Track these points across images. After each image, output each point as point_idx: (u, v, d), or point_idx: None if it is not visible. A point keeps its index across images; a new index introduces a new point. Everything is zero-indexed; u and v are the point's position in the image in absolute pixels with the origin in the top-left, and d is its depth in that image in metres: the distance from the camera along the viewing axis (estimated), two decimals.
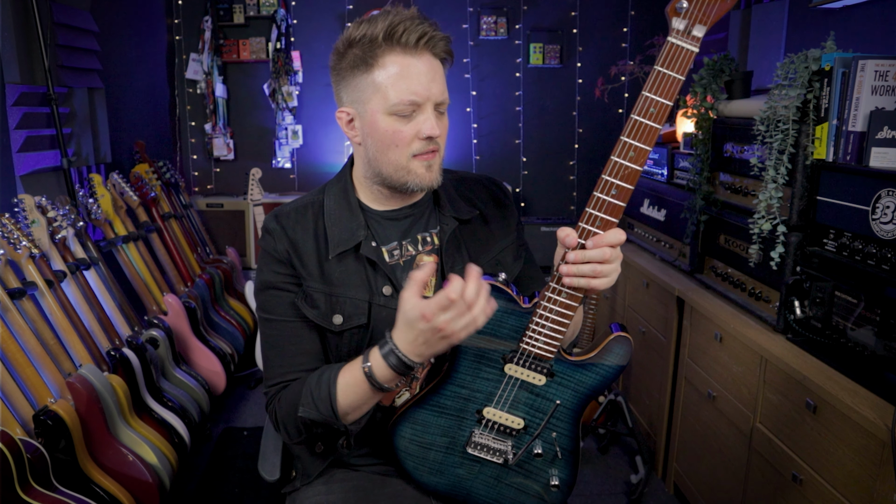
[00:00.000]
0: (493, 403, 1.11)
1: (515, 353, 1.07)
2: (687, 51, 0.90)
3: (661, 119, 0.93)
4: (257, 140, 4.24)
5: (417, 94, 1.05)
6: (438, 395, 1.12)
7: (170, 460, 2.10)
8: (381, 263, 1.15)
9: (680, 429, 2.26)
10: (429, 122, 1.07)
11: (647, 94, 0.93)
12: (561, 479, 1.16)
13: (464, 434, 1.13)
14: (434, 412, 1.13)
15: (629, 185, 0.95)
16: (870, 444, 1.30)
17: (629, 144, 0.94)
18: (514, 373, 1.08)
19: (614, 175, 0.95)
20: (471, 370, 1.10)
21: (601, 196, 0.96)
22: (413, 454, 1.15)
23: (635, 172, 0.95)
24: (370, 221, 1.18)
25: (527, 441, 1.13)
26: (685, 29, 0.89)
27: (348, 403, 1.06)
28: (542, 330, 1.04)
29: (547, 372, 1.08)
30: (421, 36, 1.04)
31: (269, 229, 1.17)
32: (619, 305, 2.84)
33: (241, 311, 3.42)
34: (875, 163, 1.48)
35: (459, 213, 1.21)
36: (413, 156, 1.09)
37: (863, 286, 1.44)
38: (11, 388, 1.73)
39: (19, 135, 2.40)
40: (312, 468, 1.25)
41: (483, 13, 4.09)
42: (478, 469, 1.15)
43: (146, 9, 3.73)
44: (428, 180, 1.11)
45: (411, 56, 1.05)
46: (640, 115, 0.93)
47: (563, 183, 4.39)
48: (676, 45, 0.90)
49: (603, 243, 0.96)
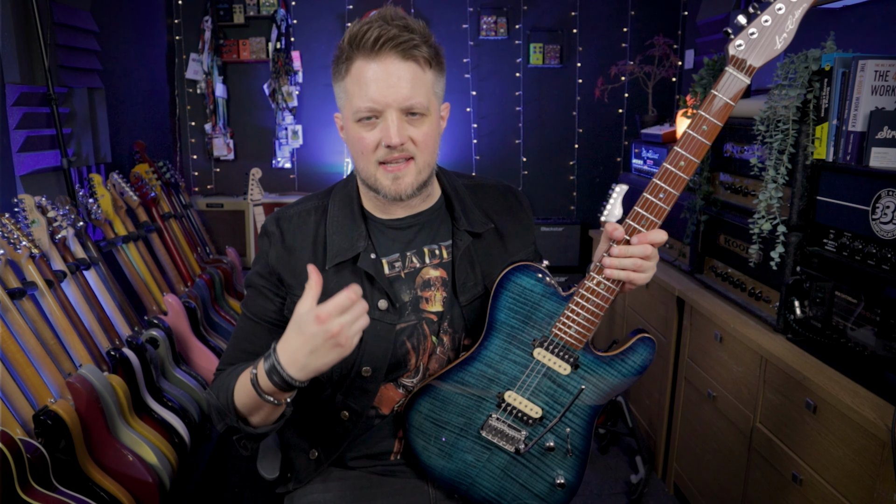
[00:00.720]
0: (515, 388, 1.13)
1: (546, 339, 1.10)
2: (741, 82, 0.99)
3: (711, 136, 1.00)
4: (257, 140, 4.24)
5: (373, 100, 1.02)
6: (464, 371, 1.13)
7: (170, 460, 2.10)
8: (378, 277, 1.13)
9: (680, 429, 2.26)
10: (390, 129, 1.02)
11: (702, 112, 0.99)
12: (567, 479, 1.16)
13: (481, 416, 1.14)
14: (456, 390, 1.13)
15: (676, 191, 1.02)
16: (870, 444, 1.30)
17: (681, 155, 1.01)
18: (542, 358, 1.11)
19: (664, 180, 1.02)
20: (500, 350, 1.12)
21: (650, 198, 1.03)
22: (425, 431, 1.15)
23: (682, 181, 1.02)
24: (372, 231, 1.16)
25: (541, 432, 1.13)
26: (740, 61, 0.98)
27: (242, 403, 1.03)
28: (577, 318, 1.07)
29: (573, 362, 1.11)
30: (377, 38, 1.00)
31: (268, 232, 1.17)
32: (619, 305, 2.84)
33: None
34: (875, 163, 1.48)
35: (474, 226, 1.18)
36: (379, 164, 1.06)
37: (863, 286, 1.44)
38: (11, 388, 1.73)
39: (19, 135, 2.40)
40: (304, 474, 1.24)
41: (483, 13, 4.09)
42: (487, 457, 1.15)
43: (146, 9, 3.73)
44: (395, 191, 1.08)
45: (371, 60, 1.02)
46: (694, 130, 1.00)
47: (562, 183, 4.39)
48: (733, 74, 0.99)
49: (647, 241, 1.02)
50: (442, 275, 1.18)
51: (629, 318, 2.73)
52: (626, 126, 4.29)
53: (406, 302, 1.16)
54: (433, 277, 1.18)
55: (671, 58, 3.35)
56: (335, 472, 1.25)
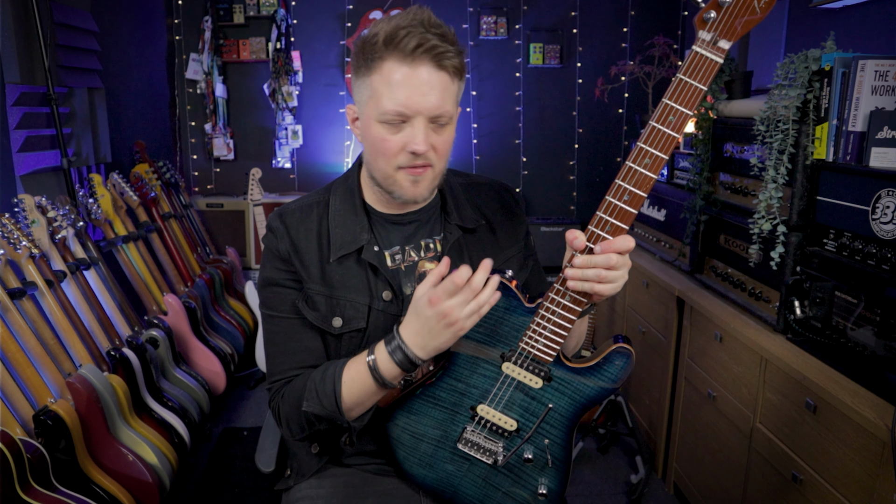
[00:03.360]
0: (487, 401, 1.10)
1: (514, 353, 1.07)
2: (711, 61, 0.90)
3: (680, 128, 0.92)
4: (257, 140, 4.24)
5: (407, 106, 1.00)
6: (435, 386, 1.12)
7: (170, 460, 2.10)
8: (382, 268, 1.14)
9: (680, 429, 2.26)
10: (417, 136, 1.02)
11: (667, 101, 0.92)
12: (549, 488, 1.14)
13: (456, 429, 1.13)
14: (429, 403, 1.12)
15: (643, 192, 0.94)
16: (870, 444, 1.30)
17: (645, 151, 0.93)
18: (512, 372, 1.08)
19: (628, 181, 0.94)
20: (468, 364, 1.09)
21: (613, 201, 0.95)
22: (405, 443, 1.15)
23: (650, 180, 0.94)
24: (374, 224, 1.17)
25: (517, 444, 1.12)
26: (711, 39, 0.89)
27: (352, 399, 1.06)
28: (543, 331, 1.03)
29: (545, 375, 1.07)
30: (420, 44, 0.99)
31: (273, 228, 1.17)
32: (619, 305, 2.84)
33: (241, 311, 3.42)
34: (875, 163, 1.48)
35: (465, 221, 1.20)
36: (399, 167, 1.06)
37: (863, 286, 1.44)
38: (11, 388, 1.73)
39: (19, 135, 2.40)
40: (307, 467, 1.25)
41: (483, 13, 4.09)
42: (467, 467, 1.15)
43: (146, 9, 3.73)
44: (412, 194, 1.09)
45: (407, 65, 1.00)
46: (659, 122, 0.92)
47: (562, 183, 4.38)
48: (701, 54, 0.90)
49: (611, 249, 0.95)
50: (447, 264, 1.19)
51: (629, 318, 2.73)
52: (626, 126, 4.29)
53: (408, 295, 1.17)
54: (428, 270, 1.18)
55: (671, 58, 3.35)
56: (331, 469, 1.26)
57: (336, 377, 1.06)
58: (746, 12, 0.88)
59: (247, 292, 3.47)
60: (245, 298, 3.51)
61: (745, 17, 0.88)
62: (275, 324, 1.16)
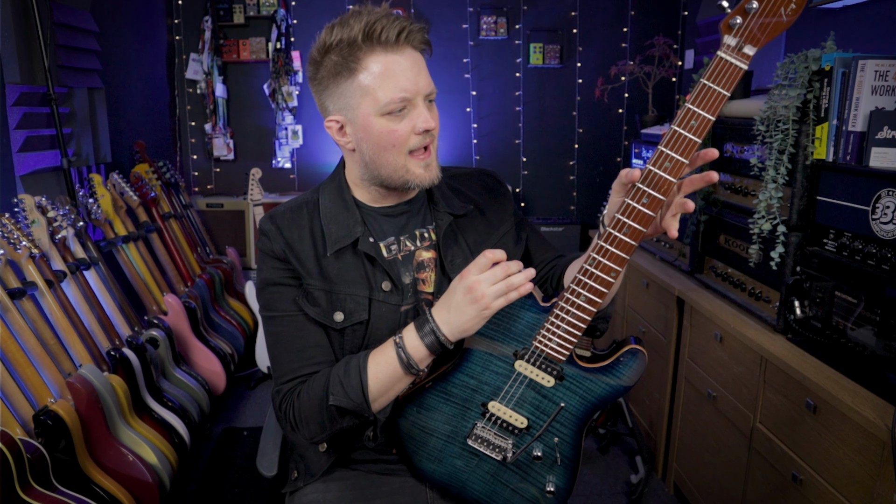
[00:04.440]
0: (499, 398, 1.11)
1: (527, 351, 1.08)
2: (736, 67, 0.89)
3: (701, 133, 0.91)
4: (257, 140, 4.24)
5: (407, 90, 1.04)
6: (447, 381, 1.12)
7: (170, 460, 2.10)
8: (379, 259, 1.15)
9: (680, 429, 2.26)
10: (423, 115, 1.06)
11: (690, 105, 0.91)
12: (557, 486, 1.15)
13: (467, 425, 1.13)
14: (440, 398, 1.13)
15: (661, 195, 0.94)
16: (870, 444, 1.30)
17: (666, 155, 0.93)
18: (524, 370, 1.09)
19: (648, 184, 0.95)
20: (481, 361, 1.10)
21: (633, 204, 0.96)
22: (414, 437, 1.15)
23: (668, 183, 0.94)
24: (366, 218, 1.18)
25: (527, 441, 1.12)
26: (736, 45, 0.88)
27: (378, 388, 1.07)
28: (557, 331, 1.04)
29: (557, 374, 1.08)
30: (401, 31, 1.03)
31: (265, 230, 1.17)
32: (619, 305, 2.84)
33: (241, 311, 3.42)
34: (875, 163, 1.48)
35: (453, 208, 1.22)
36: (410, 153, 1.08)
37: (863, 286, 1.44)
38: (11, 388, 1.73)
39: (19, 135, 2.40)
40: (316, 467, 1.25)
41: (483, 13, 4.09)
42: (475, 463, 1.15)
43: (146, 9, 3.73)
44: (427, 179, 1.11)
45: (393, 53, 1.04)
46: (681, 126, 0.92)
47: (562, 183, 4.38)
48: (726, 60, 0.89)
49: (708, 158, 0.95)
50: (433, 255, 1.21)
51: (629, 318, 2.73)
52: (626, 126, 4.29)
53: (407, 284, 1.18)
54: (426, 259, 1.20)
55: (671, 58, 3.35)
56: (337, 472, 1.26)
57: (361, 367, 1.07)
58: (773, 18, 0.87)
59: (247, 292, 3.47)
60: (245, 298, 3.51)
61: (772, 24, 0.88)
62: (277, 324, 1.16)
